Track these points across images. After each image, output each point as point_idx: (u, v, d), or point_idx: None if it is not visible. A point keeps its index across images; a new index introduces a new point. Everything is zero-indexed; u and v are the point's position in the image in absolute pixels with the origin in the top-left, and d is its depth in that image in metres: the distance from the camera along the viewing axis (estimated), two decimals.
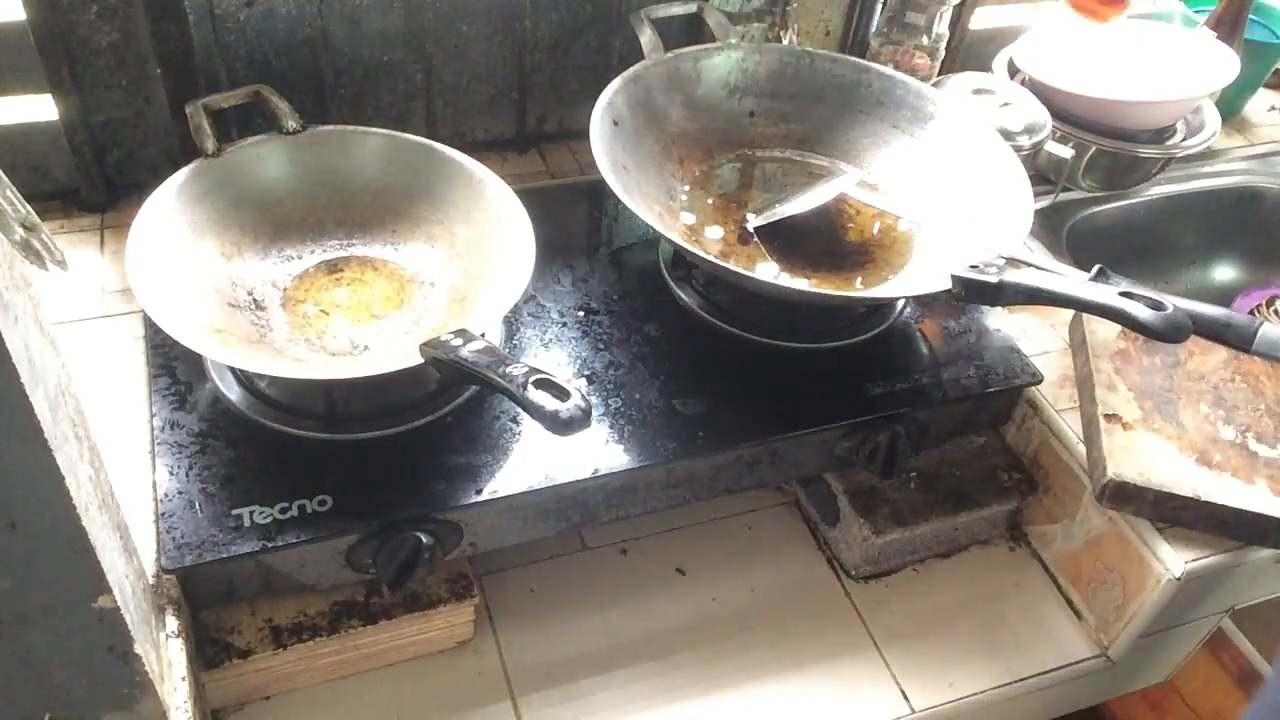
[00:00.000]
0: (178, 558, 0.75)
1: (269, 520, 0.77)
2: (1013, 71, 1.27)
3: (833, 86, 1.11)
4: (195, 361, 0.88)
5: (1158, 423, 0.94)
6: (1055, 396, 1.01)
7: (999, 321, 1.04)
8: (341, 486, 0.80)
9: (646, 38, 1.09)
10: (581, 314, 0.99)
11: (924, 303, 1.04)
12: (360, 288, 0.95)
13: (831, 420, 0.92)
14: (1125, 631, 0.94)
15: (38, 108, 1.01)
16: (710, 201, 1.07)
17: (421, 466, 0.83)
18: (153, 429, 0.83)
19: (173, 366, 0.88)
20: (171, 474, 0.80)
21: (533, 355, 0.94)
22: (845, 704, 0.90)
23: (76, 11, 0.96)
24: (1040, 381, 0.99)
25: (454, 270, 0.96)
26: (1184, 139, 1.27)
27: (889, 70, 1.11)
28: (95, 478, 0.59)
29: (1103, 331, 1.02)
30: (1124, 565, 0.93)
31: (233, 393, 0.86)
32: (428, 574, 0.83)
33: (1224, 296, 1.37)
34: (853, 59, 1.12)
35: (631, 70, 1.04)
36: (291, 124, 0.96)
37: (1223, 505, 0.87)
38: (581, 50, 1.18)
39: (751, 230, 1.04)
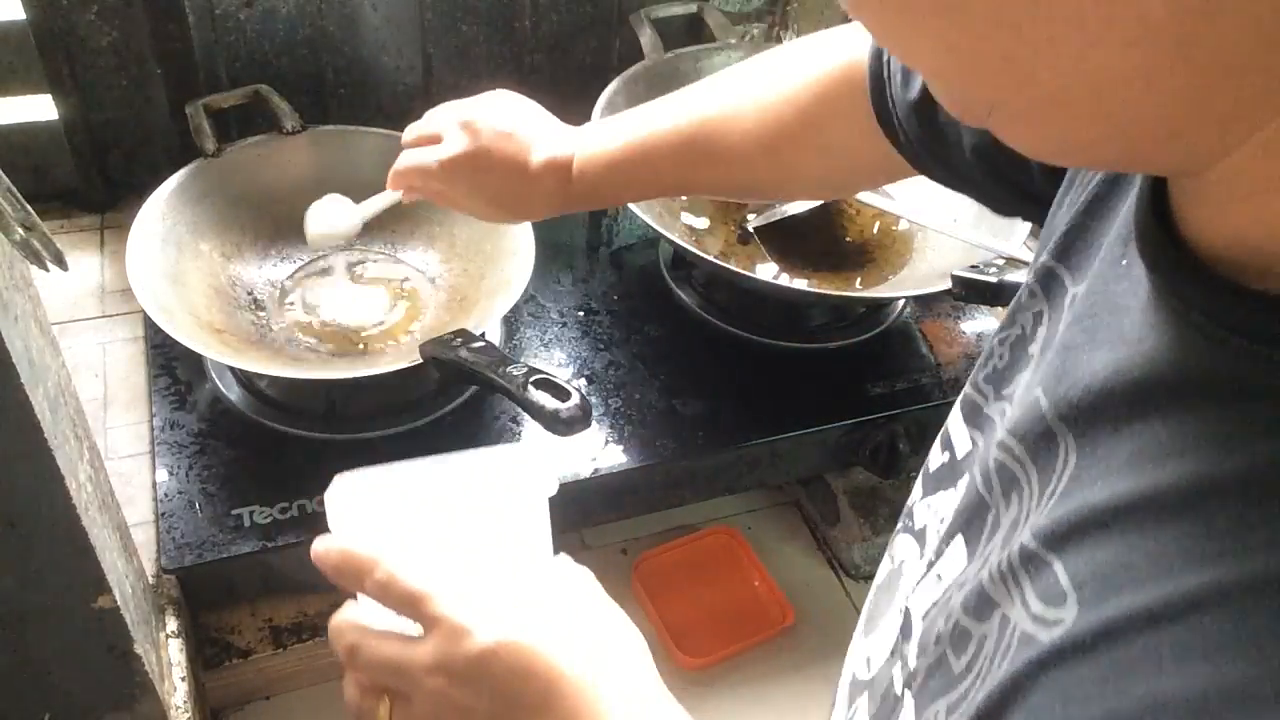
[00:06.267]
0: (178, 558, 0.75)
1: (269, 520, 0.77)
2: None
3: None
4: (195, 361, 0.88)
5: None
6: None
7: (999, 321, 1.04)
8: None
9: (646, 38, 1.09)
10: (581, 314, 0.98)
11: (924, 303, 1.04)
12: (360, 288, 0.95)
13: (831, 420, 0.92)
14: None
15: (38, 108, 1.01)
16: (710, 201, 1.07)
17: None
18: (153, 429, 0.83)
19: (173, 366, 0.88)
20: (171, 474, 0.80)
21: (533, 355, 0.94)
22: None
23: (76, 11, 0.96)
24: None
25: (454, 270, 0.96)
26: None
27: None
28: (95, 478, 0.59)
29: None
30: None
31: (233, 393, 0.86)
32: None
33: None
34: None
35: (631, 70, 1.04)
36: (291, 124, 0.96)
37: None
38: (581, 50, 1.18)
39: (751, 230, 1.04)
